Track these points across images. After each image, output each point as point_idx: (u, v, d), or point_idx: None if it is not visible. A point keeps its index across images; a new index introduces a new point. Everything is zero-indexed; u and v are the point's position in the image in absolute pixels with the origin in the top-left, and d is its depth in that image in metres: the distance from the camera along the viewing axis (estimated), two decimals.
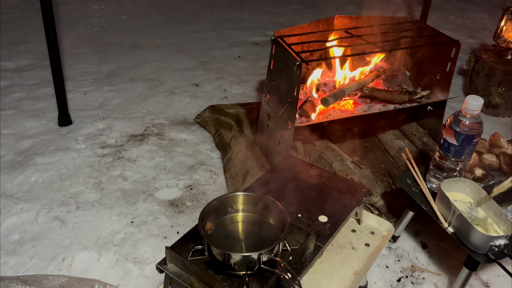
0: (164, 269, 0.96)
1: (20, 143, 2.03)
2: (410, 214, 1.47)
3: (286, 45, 1.60)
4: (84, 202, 1.72)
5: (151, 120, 2.25)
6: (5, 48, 2.95)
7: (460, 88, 2.68)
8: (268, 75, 1.75)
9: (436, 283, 1.44)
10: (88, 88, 2.53)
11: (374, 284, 1.43)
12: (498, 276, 1.46)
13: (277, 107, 1.68)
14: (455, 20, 3.81)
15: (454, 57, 1.73)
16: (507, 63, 2.36)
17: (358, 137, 2.03)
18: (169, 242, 1.53)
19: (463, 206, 1.26)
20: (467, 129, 1.22)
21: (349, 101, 1.78)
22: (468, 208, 1.25)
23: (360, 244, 1.16)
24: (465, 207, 1.26)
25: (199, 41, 3.23)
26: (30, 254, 1.48)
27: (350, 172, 1.70)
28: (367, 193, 1.21)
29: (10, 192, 1.75)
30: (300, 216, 1.11)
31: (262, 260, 0.89)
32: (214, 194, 1.78)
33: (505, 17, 2.37)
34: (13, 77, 2.59)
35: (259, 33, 3.37)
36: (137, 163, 1.94)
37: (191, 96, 2.49)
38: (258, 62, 2.92)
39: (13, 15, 3.50)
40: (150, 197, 1.76)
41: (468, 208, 1.25)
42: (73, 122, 2.20)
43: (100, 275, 1.42)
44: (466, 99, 1.21)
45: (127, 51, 3.03)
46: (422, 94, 1.78)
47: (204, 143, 2.10)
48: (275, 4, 4.01)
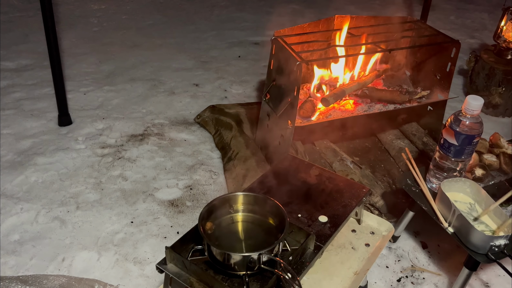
0: (164, 269, 0.96)
1: (20, 143, 2.03)
2: (410, 214, 1.47)
3: (286, 45, 1.60)
4: (84, 202, 1.72)
5: (151, 120, 2.25)
6: (5, 48, 2.95)
7: (460, 88, 2.68)
8: (268, 75, 1.75)
9: (436, 283, 1.44)
10: (88, 88, 2.53)
11: (374, 284, 1.43)
12: (498, 276, 1.46)
13: (277, 107, 1.68)
14: (455, 20, 3.81)
15: (454, 57, 1.73)
16: (507, 63, 2.36)
17: (358, 137, 2.03)
18: (169, 242, 1.53)
19: (463, 206, 1.26)
20: (467, 129, 1.22)
21: (349, 101, 1.78)
22: (468, 208, 1.25)
23: (360, 244, 1.16)
24: (465, 207, 1.26)
25: (199, 41, 3.23)
26: (30, 254, 1.48)
27: (350, 172, 1.70)
28: (367, 193, 1.21)
29: (10, 192, 1.75)
30: (300, 216, 1.11)
31: (262, 260, 0.89)
32: (214, 194, 1.78)
33: (505, 17, 2.37)
34: (13, 77, 2.59)
35: (259, 33, 3.37)
36: (137, 163, 1.94)
37: (191, 96, 2.49)
38: (258, 62, 2.91)
39: (13, 15, 3.50)
40: (150, 197, 1.76)
41: (468, 208, 1.25)
42: (73, 122, 2.20)
43: (100, 275, 1.42)
44: (466, 99, 1.21)
45: (127, 51, 3.03)
46: (422, 94, 1.78)
47: (204, 143, 2.10)
48: (275, 4, 4.01)
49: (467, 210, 1.24)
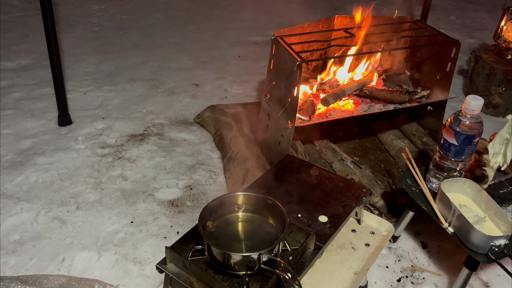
0: (164, 269, 0.96)
1: (20, 143, 2.03)
2: (410, 214, 1.47)
3: (286, 45, 1.60)
4: (84, 202, 1.72)
5: (151, 120, 2.25)
6: (5, 48, 2.95)
7: (460, 88, 2.68)
8: (268, 75, 1.75)
9: (436, 283, 1.44)
10: (88, 88, 2.53)
11: (374, 284, 1.43)
12: (498, 276, 1.46)
13: (277, 107, 1.68)
14: (455, 20, 3.81)
15: (454, 57, 1.73)
16: (507, 63, 2.36)
17: (358, 137, 2.03)
18: (169, 242, 1.53)
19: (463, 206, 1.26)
20: (467, 129, 1.22)
21: (349, 101, 1.78)
22: (468, 208, 1.25)
23: (360, 244, 1.16)
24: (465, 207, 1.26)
25: (199, 41, 3.23)
26: (30, 254, 1.48)
27: (350, 172, 1.70)
28: (367, 193, 1.21)
29: (10, 192, 1.75)
30: (300, 216, 1.11)
31: (262, 260, 0.89)
32: (214, 194, 1.78)
33: (505, 17, 2.37)
34: (13, 77, 2.59)
35: (259, 33, 3.37)
36: (137, 163, 1.94)
37: (191, 96, 2.49)
38: (258, 62, 2.91)
39: (13, 15, 3.50)
40: (150, 197, 1.76)
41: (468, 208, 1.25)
42: (73, 122, 2.20)
43: (100, 275, 1.42)
44: (466, 99, 1.21)
45: (127, 51, 3.03)
46: (422, 94, 1.78)
47: (204, 143, 2.10)
48: (275, 4, 4.01)
49: (467, 210, 1.24)
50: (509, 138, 1.09)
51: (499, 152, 1.11)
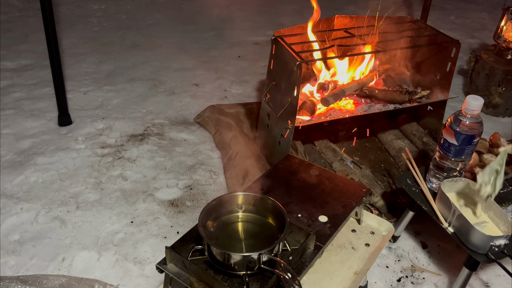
0: (164, 269, 0.96)
1: (20, 143, 2.03)
2: (410, 214, 1.47)
3: (286, 45, 1.60)
4: (84, 202, 1.72)
5: (151, 120, 2.25)
6: (5, 48, 2.95)
7: (460, 88, 2.68)
8: (268, 75, 1.75)
9: (436, 283, 1.44)
10: (88, 88, 2.53)
11: (374, 284, 1.43)
12: (498, 276, 1.46)
13: (277, 107, 1.68)
14: (455, 20, 3.81)
15: (454, 57, 1.73)
16: (507, 63, 2.36)
17: (358, 137, 2.03)
18: (169, 242, 1.53)
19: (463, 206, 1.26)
20: (467, 129, 1.22)
21: (349, 101, 1.78)
22: (468, 208, 1.25)
23: (360, 244, 1.16)
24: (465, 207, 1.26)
25: (199, 41, 3.23)
26: (30, 254, 1.48)
27: (350, 172, 1.70)
28: (367, 193, 1.21)
29: (10, 192, 1.75)
30: (300, 216, 1.11)
31: (262, 260, 0.89)
32: (214, 194, 1.78)
33: (505, 17, 2.37)
34: (13, 77, 2.59)
35: (259, 33, 3.37)
36: (137, 163, 1.94)
37: (191, 96, 2.49)
38: (258, 62, 2.91)
39: (13, 15, 3.50)
40: (150, 197, 1.76)
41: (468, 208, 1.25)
42: (73, 122, 2.20)
43: (100, 275, 1.42)
44: (466, 99, 1.21)
45: (127, 51, 3.03)
46: (422, 94, 1.78)
47: (204, 143, 2.10)
48: (275, 4, 4.01)
49: (467, 210, 1.24)
50: (499, 170, 1.12)
51: (488, 182, 1.15)
